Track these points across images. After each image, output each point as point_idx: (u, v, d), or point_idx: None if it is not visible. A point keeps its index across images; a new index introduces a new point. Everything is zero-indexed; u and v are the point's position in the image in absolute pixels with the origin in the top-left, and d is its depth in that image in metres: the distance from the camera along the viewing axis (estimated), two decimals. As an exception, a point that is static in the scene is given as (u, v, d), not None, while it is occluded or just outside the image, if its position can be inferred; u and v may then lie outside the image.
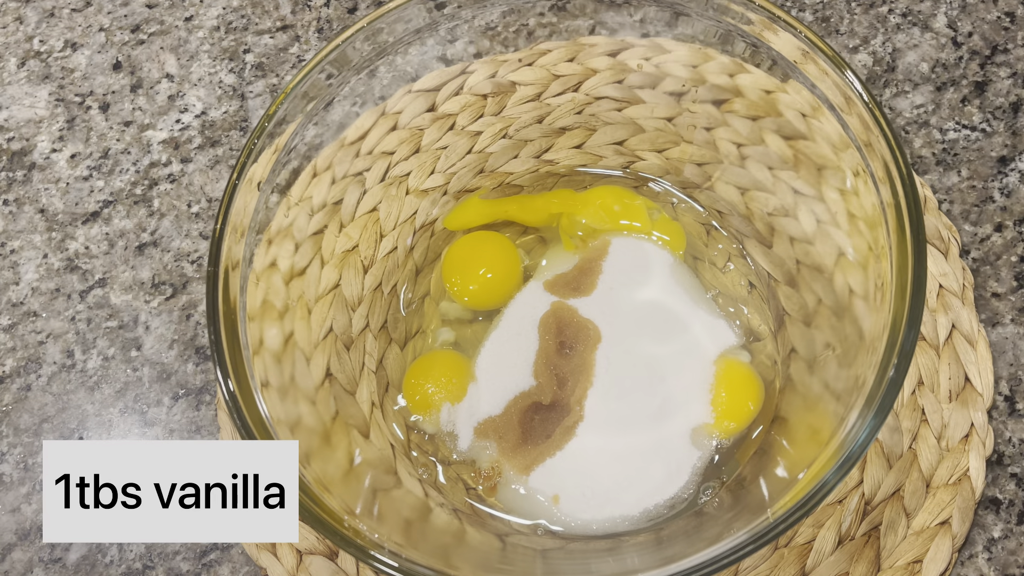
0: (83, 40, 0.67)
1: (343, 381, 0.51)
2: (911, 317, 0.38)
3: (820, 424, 0.44)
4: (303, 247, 0.51)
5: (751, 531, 0.37)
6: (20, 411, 0.56)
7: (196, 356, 0.56)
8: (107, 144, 0.63)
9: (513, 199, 0.57)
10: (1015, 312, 0.53)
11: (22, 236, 0.61)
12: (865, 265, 0.44)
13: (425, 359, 0.53)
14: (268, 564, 0.50)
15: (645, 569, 0.38)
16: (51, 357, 0.57)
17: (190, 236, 0.60)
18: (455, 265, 0.55)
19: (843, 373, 0.44)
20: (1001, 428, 0.51)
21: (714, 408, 0.50)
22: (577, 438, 0.49)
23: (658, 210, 0.56)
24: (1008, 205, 0.56)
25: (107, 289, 0.59)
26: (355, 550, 0.38)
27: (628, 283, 0.53)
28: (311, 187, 0.51)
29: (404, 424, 0.52)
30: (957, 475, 0.49)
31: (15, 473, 0.54)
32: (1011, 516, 0.49)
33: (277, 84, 0.64)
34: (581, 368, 0.50)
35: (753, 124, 0.53)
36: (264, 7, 0.66)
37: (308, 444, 0.44)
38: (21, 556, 0.52)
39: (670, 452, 0.49)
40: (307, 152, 0.48)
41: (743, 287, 0.54)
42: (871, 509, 0.49)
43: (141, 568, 0.51)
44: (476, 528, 0.48)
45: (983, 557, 0.48)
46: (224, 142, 0.62)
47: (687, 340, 0.51)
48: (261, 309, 0.45)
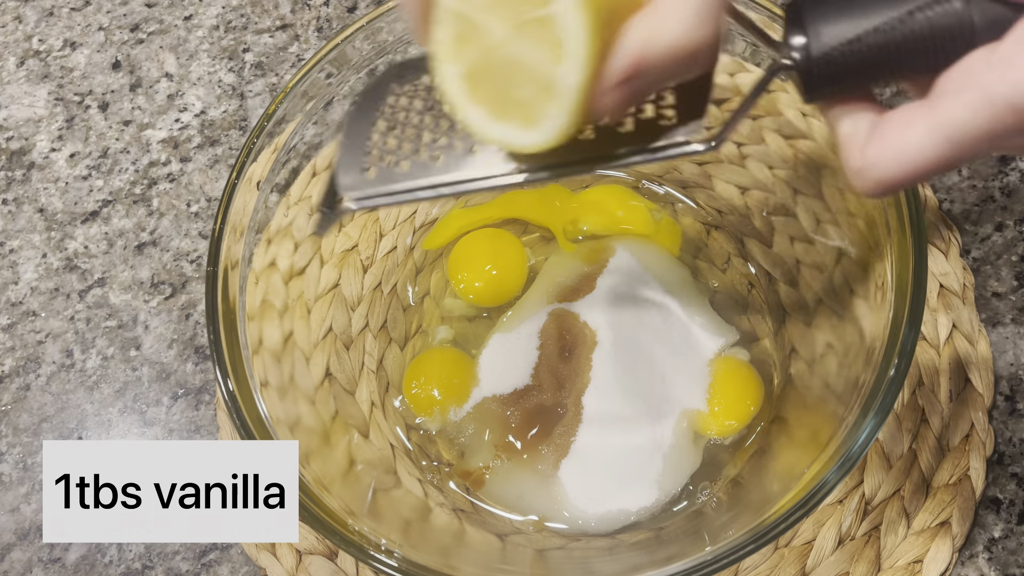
0: (82, 39, 0.66)
1: (343, 381, 0.51)
2: (911, 317, 0.37)
3: (820, 424, 0.44)
4: (302, 246, 0.51)
5: (751, 531, 0.37)
6: (19, 411, 0.56)
7: (195, 356, 0.56)
8: (106, 143, 0.63)
9: (502, 199, 0.57)
10: (1015, 312, 0.53)
11: (21, 235, 0.60)
12: (865, 264, 0.44)
13: (425, 356, 0.53)
14: (267, 564, 0.50)
15: (645, 569, 0.38)
16: (50, 357, 0.57)
17: (189, 235, 0.59)
18: (461, 262, 0.55)
19: (843, 373, 0.44)
20: (1001, 428, 0.51)
21: (713, 407, 0.50)
22: (576, 437, 0.49)
23: (658, 210, 0.56)
24: (1008, 204, 0.56)
25: (106, 289, 0.59)
26: (355, 550, 0.38)
27: (628, 283, 0.53)
28: (311, 186, 0.51)
29: (404, 424, 0.52)
30: (957, 475, 0.49)
31: (14, 473, 0.54)
32: (1011, 516, 0.49)
33: (276, 83, 0.64)
34: (581, 368, 0.50)
35: (753, 123, 0.53)
36: (263, 6, 0.66)
37: (308, 444, 0.44)
38: (20, 556, 0.52)
39: (670, 451, 0.49)
40: (307, 151, 0.48)
41: (743, 286, 0.54)
42: (871, 509, 0.49)
43: (140, 568, 0.51)
44: (476, 528, 0.48)
45: (983, 557, 0.48)
46: (223, 141, 0.62)
47: (687, 340, 0.51)
48: (260, 308, 0.45)
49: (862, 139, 0.29)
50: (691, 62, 0.27)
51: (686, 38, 0.26)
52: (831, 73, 0.29)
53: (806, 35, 0.29)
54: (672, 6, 0.27)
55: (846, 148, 0.29)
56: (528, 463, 0.49)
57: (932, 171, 0.27)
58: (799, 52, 0.29)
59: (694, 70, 0.28)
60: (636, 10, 0.27)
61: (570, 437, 0.49)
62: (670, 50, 0.27)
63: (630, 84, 0.27)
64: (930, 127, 0.27)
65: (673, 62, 0.27)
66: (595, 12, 0.26)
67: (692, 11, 0.26)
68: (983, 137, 0.26)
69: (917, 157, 0.27)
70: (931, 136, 0.27)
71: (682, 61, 0.27)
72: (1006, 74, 0.25)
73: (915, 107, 0.28)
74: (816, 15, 0.29)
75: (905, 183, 0.28)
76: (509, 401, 0.50)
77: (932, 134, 0.27)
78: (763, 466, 0.48)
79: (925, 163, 0.27)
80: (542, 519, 0.49)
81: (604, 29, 0.27)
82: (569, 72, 0.27)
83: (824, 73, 0.29)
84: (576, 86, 0.27)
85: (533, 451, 0.49)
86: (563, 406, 0.50)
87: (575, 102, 0.27)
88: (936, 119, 0.27)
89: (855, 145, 0.29)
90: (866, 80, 0.29)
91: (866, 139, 0.29)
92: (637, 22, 0.27)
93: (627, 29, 0.27)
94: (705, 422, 0.49)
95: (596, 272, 0.53)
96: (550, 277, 0.54)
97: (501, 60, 0.28)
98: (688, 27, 0.26)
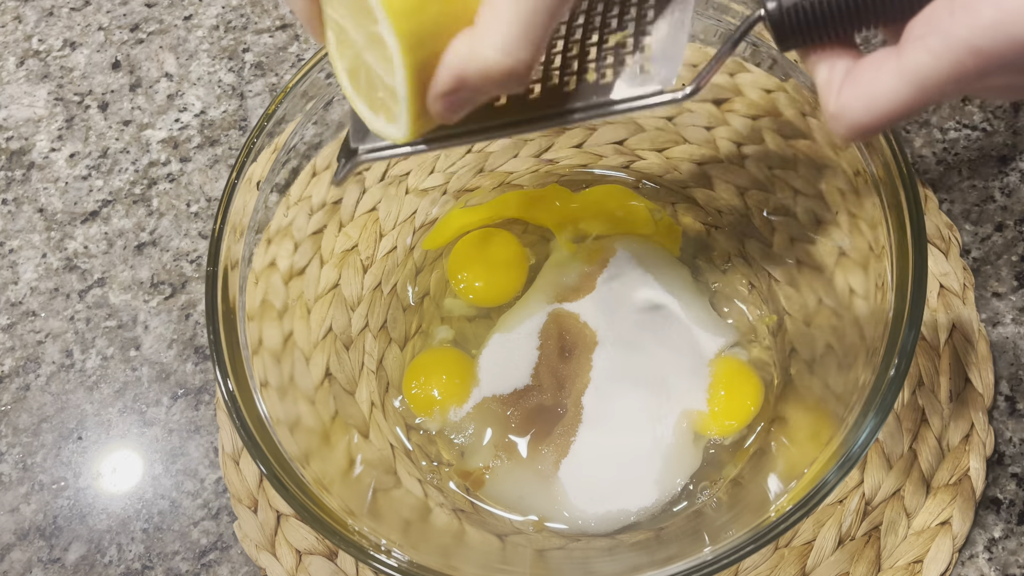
0: (82, 39, 0.66)
1: (342, 381, 0.51)
2: (912, 317, 0.37)
3: (820, 424, 0.44)
4: (302, 246, 0.51)
5: (751, 531, 0.37)
6: (19, 411, 0.56)
7: (195, 356, 0.56)
8: (106, 143, 0.63)
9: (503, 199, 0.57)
10: (1016, 312, 0.53)
11: (21, 235, 0.60)
12: (865, 265, 0.44)
13: (425, 356, 0.53)
14: (267, 564, 0.50)
15: (645, 569, 0.38)
16: (50, 357, 0.57)
17: (189, 235, 0.59)
18: (461, 262, 0.55)
19: (843, 373, 0.44)
20: (1002, 428, 0.51)
21: (713, 407, 0.50)
22: (576, 437, 0.49)
23: (658, 210, 0.56)
24: (1009, 204, 0.56)
25: (106, 289, 0.58)
26: (355, 550, 0.38)
27: (628, 283, 0.53)
28: (310, 186, 0.51)
29: (404, 424, 0.52)
30: (957, 475, 0.49)
31: (14, 473, 0.54)
32: (1012, 516, 0.49)
33: (276, 83, 0.64)
34: (581, 368, 0.50)
35: (753, 123, 0.52)
36: (263, 6, 0.66)
37: (307, 444, 0.44)
38: (20, 556, 0.52)
39: (669, 451, 0.49)
40: (306, 151, 0.48)
41: (743, 287, 0.54)
42: (871, 509, 0.49)
43: (140, 568, 0.51)
44: (476, 528, 0.48)
45: (984, 557, 0.48)
46: (223, 141, 0.62)
47: (687, 340, 0.51)
48: (260, 309, 0.45)
49: (838, 84, 0.30)
50: (510, 81, 0.29)
51: (503, 60, 0.28)
52: (803, 22, 0.30)
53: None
54: (492, 26, 0.28)
55: (823, 93, 0.30)
56: (528, 463, 0.49)
57: (901, 115, 0.28)
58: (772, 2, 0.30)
59: (516, 87, 0.29)
60: (465, 24, 0.29)
61: (570, 437, 0.49)
62: (487, 70, 0.28)
63: (455, 95, 0.29)
64: (898, 72, 0.28)
65: (491, 81, 0.28)
66: (412, 32, 0.28)
67: (511, 34, 0.28)
68: (947, 81, 0.27)
69: (885, 101, 0.28)
70: (898, 80, 0.28)
71: (500, 80, 0.29)
72: (967, 19, 0.26)
73: (885, 52, 0.29)
74: None
75: (877, 127, 0.29)
76: (509, 401, 0.50)
77: (899, 78, 0.28)
78: (763, 466, 0.48)
79: (894, 107, 0.28)
80: (542, 519, 0.48)
81: (428, 43, 0.29)
82: (398, 84, 0.29)
83: (796, 22, 0.30)
84: (406, 95, 0.29)
85: (533, 451, 0.49)
86: (563, 406, 0.50)
87: (412, 107, 0.30)
88: (903, 64, 0.28)
89: (832, 90, 0.30)
90: (839, 28, 0.30)
91: (841, 84, 0.30)
92: (460, 39, 0.28)
93: (451, 45, 0.29)
94: (705, 422, 0.49)
95: (596, 272, 0.53)
96: (550, 277, 0.54)
97: (363, 63, 0.31)
98: (506, 50, 0.28)
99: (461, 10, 0.29)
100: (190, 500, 0.53)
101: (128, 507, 0.53)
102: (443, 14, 0.29)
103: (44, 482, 0.54)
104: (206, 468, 0.53)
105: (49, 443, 0.55)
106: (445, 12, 0.29)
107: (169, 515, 0.52)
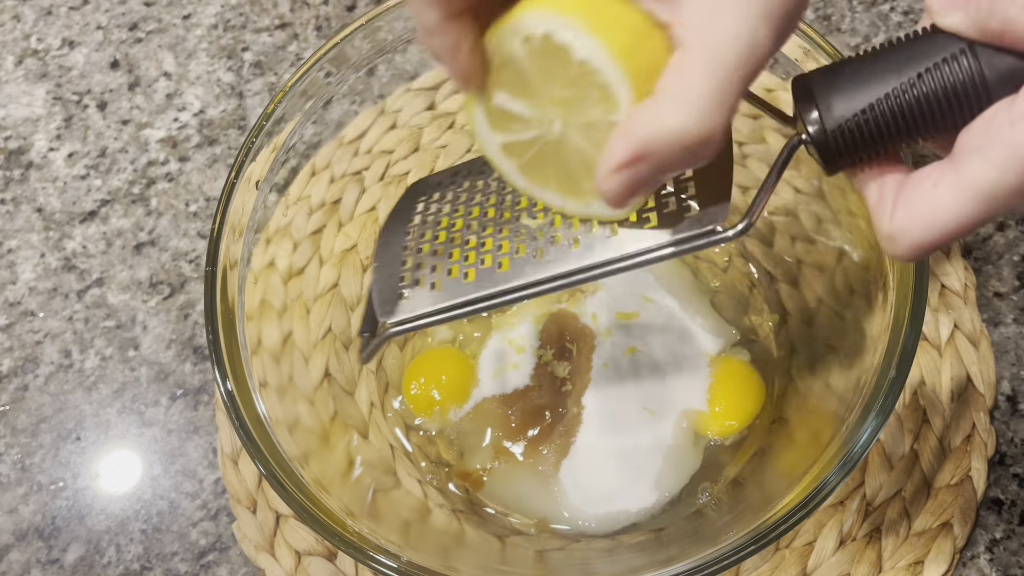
0: (81, 38, 0.66)
1: (342, 381, 0.51)
2: (913, 317, 0.37)
3: (821, 424, 0.44)
4: (302, 246, 0.51)
5: (752, 532, 0.37)
6: (17, 411, 0.55)
7: (194, 356, 0.56)
8: (104, 143, 0.63)
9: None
10: (1017, 312, 0.53)
11: (19, 235, 0.60)
12: (867, 264, 0.43)
13: (425, 356, 0.53)
14: (266, 565, 0.50)
15: (645, 570, 0.38)
16: (48, 357, 0.57)
17: (188, 235, 0.59)
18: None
19: (844, 373, 0.44)
20: (1003, 428, 0.51)
21: (714, 408, 0.49)
22: (576, 438, 0.49)
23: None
24: (1010, 204, 0.56)
25: (105, 289, 0.58)
26: (354, 551, 0.38)
27: (628, 283, 0.53)
28: (310, 186, 0.51)
29: (403, 425, 0.52)
30: (959, 476, 0.49)
31: (12, 473, 0.54)
32: (1013, 517, 0.49)
33: (275, 82, 0.64)
34: (581, 369, 0.50)
35: (754, 123, 0.52)
36: (262, 5, 0.66)
37: (307, 444, 0.44)
38: (19, 557, 0.52)
39: (670, 452, 0.49)
40: (306, 151, 0.48)
41: (743, 286, 0.53)
42: (872, 510, 0.49)
43: (139, 569, 0.51)
44: (475, 529, 0.48)
45: (985, 558, 0.48)
46: (222, 141, 0.62)
47: (687, 340, 0.51)
48: (259, 308, 0.45)
49: (890, 203, 0.28)
50: (703, 150, 0.26)
51: (695, 126, 0.25)
52: (848, 143, 0.29)
53: (818, 109, 0.29)
54: (682, 88, 0.26)
55: (875, 214, 0.29)
56: (528, 464, 0.49)
57: (964, 231, 0.27)
58: (813, 126, 0.29)
59: (705, 157, 0.27)
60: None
61: (570, 438, 0.49)
62: (676, 137, 0.26)
63: (634, 170, 0.26)
64: (959, 188, 0.26)
65: (681, 149, 0.26)
66: (637, 70, 0.27)
67: (704, 96, 0.25)
68: (1014, 193, 0.26)
69: (947, 219, 0.27)
70: (960, 196, 0.26)
71: (691, 148, 0.26)
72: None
73: (939, 167, 0.27)
74: (825, 88, 0.29)
75: (938, 245, 0.27)
76: (509, 401, 0.50)
77: (961, 195, 0.26)
78: (764, 467, 0.47)
79: (957, 224, 0.27)
80: (542, 520, 0.48)
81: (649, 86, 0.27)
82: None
83: (841, 144, 0.29)
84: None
85: (533, 452, 0.49)
86: (563, 406, 0.50)
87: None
88: (964, 179, 0.26)
89: (884, 211, 0.28)
90: (885, 146, 0.29)
91: (894, 203, 0.28)
92: (643, 107, 0.26)
93: (633, 113, 0.26)
94: (705, 422, 0.49)
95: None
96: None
97: (556, 150, 0.30)
98: (699, 114, 0.25)
99: (661, 60, 0.27)
100: (189, 501, 0.53)
101: (127, 508, 0.53)
102: (657, 51, 0.27)
103: (42, 483, 0.54)
104: (205, 469, 0.53)
105: (47, 443, 0.55)
106: (658, 48, 0.27)
107: (168, 516, 0.52)
